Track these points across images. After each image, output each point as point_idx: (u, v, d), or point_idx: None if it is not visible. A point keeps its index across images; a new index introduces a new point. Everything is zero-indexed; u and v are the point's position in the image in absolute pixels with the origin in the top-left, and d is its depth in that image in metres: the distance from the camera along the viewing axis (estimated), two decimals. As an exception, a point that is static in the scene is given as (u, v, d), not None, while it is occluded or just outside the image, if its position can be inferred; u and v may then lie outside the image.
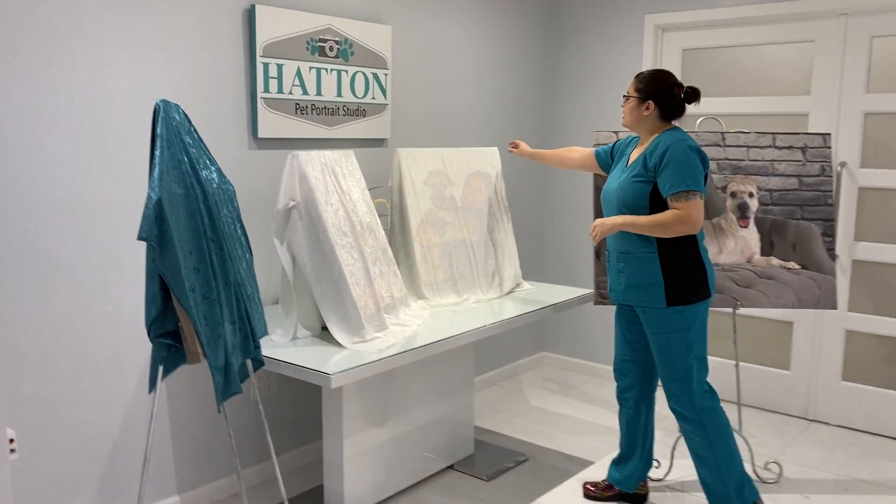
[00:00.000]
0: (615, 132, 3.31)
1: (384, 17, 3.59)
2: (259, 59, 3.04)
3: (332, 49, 3.31)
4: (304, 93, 3.22)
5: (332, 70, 3.32)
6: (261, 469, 3.26)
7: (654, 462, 3.24)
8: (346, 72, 3.38)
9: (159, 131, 2.12)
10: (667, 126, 2.77)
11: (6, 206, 2.42)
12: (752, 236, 3.26)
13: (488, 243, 3.47)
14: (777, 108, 4.00)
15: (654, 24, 4.24)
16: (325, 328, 2.85)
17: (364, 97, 3.48)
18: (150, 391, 2.24)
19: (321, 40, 3.26)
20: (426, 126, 3.92)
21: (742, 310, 3.36)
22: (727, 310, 3.59)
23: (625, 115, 2.82)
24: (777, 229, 3.25)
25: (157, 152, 2.10)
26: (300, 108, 3.22)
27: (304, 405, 3.42)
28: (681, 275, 2.70)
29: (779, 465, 3.35)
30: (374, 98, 3.52)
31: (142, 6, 2.69)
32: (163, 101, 2.17)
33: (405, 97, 3.76)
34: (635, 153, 2.81)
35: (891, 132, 3.71)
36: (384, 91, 3.57)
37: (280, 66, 3.11)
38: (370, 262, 2.87)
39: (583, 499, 3.14)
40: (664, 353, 2.77)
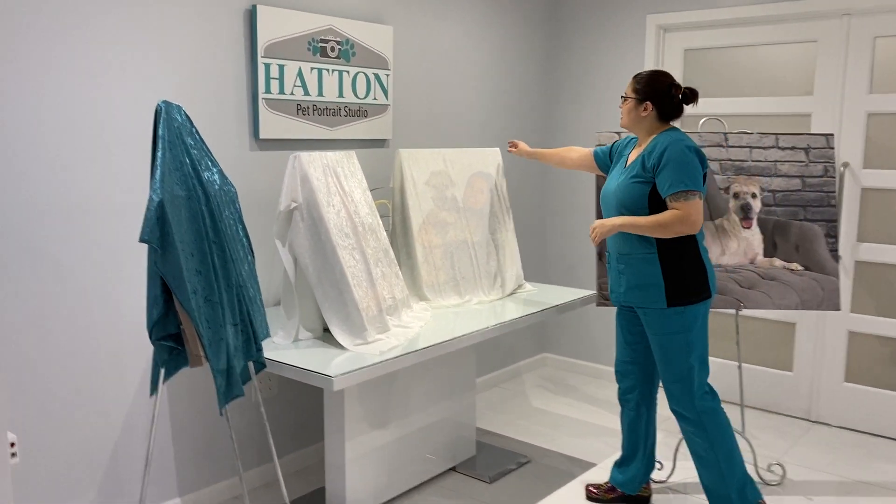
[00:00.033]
0: (617, 132, 3.29)
1: (385, 18, 3.58)
2: (260, 60, 3.03)
3: (333, 49, 3.30)
4: (306, 93, 3.21)
5: (333, 71, 3.31)
6: (262, 471, 3.25)
7: (657, 464, 3.23)
8: (348, 72, 3.37)
9: (161, 132, 2.11)
10: (665, 127, 2.76)
11: (7, 207, 2.40)
12: (754, 237, 3.25)
13: (490, 244, 3.46)
14: (779, 108, 3.99)
15: (656, 25, 4.23)
16: (326, 330, 2.84)
17: (365, 98, 3.47)
18: (151, 394, 2.23)
19: (322, 41, 3.25)
20: (427, 126, 3.90)
21: (745, 311, 3.35)
22: (730, 311, 3.58)
23: (623, 115, 2.81)
24: (780, 230, 3.24)
25: (159, 154, 2.09)
26: (301, 109, 3.21)
27: (305, 407, 3.41)
28: (681, 275, 2.69)
29: (782, 466, 3.34)
30: (375, 99, 3.51)
31: (142, 7, 2.68)
32: (164, 102, 2.15)
33: (406, 98, 3.75)
34: (634, 154, 2.80)
35: (894, 132, 3.70)
36: (385, 91, 3.56)
37: (281, 67, 3.10)
38: (372, 264, 2.85)
39: (585, 501, 3.12)
40: (665, 354, 2.76)
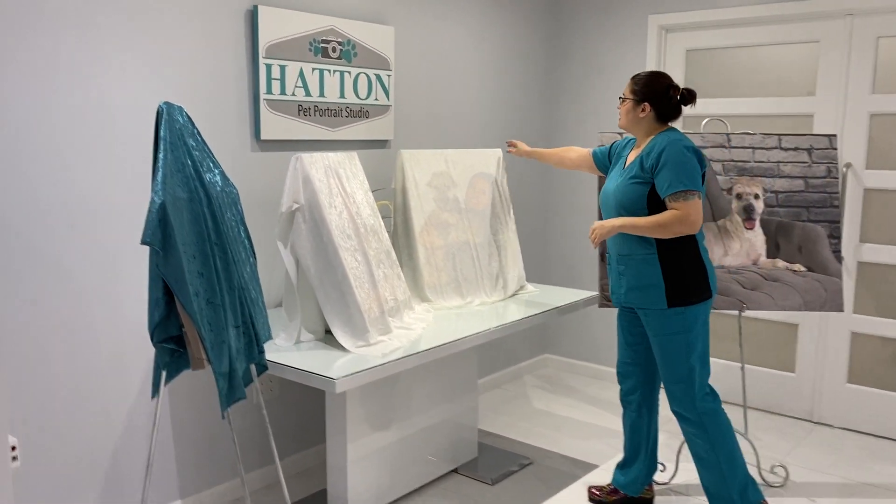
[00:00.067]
0: (620, 133, 3.28)
1: (387, 18, 3.57)
2: (262, 61, 3.02)
3: (334, 50, 3.29)
4: (307, 94, 3.20)
5: (334, 71, 3.30)
6: (263, 473, 3.24)
7: (660, 465, 3.22)
8: (349, 73, 3.36)
9: (162, 134, 2.10)
10: (663, 127, 2.75)
11: (8, 208, 2.39)
12: (757, 238, 3.24)
13: (492, 245, 3.45)
14: (782, 109, 3.97)
15: (658, 25, 4.22)
16: (328, 331, 2.83)
17: (367, 98, 3.46)
18: (152, 397, 2.22)
19: (324, 41, 3.24)
20: (429, 127, 3.89)
21: (747, 312, 3.34)
22: (732, 312, 3.57)
23: (621, 116, 2.81)
24: (783, 231, 3.23)
25: (161, 155, 2.07)
26: (303, 110, 3.20)
27: (306, 408, 3.40)
28: (681, 276, 2.69)
29: (785, 468, 3.33)
30: (377, 99, 3.50)
31: (143, 7, 2.67)
32: (166, 103, 2.14)
33: (408, 98, 3.74)
34: (632, 155, 2.80)
35: (897, 133, 3.70)
36: (387, 92, 3.55)
37: (283, 68, 3.09)
38: (374, 265, 2.84)
39: (588, 503, 3.12)
40: (666, 354, 2.76)
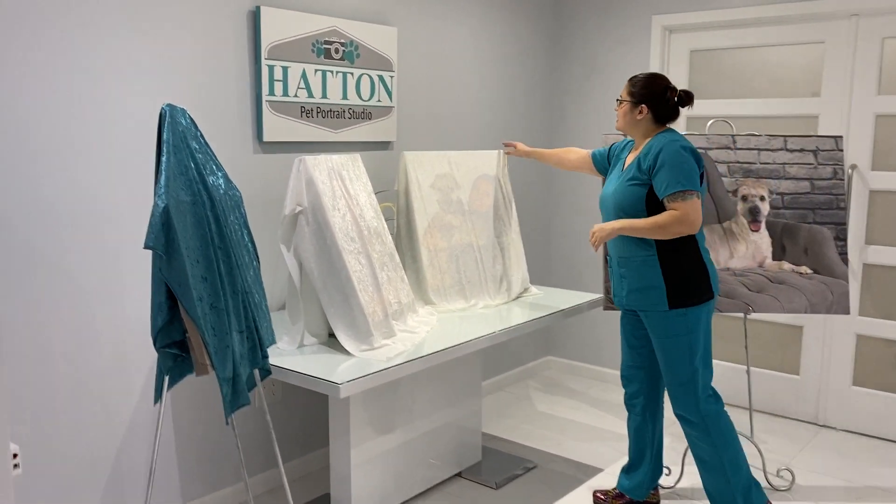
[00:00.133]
0: (624, 134, 3.25)
1: (390, 19, 3.55)
2: (264, 62, 2.99)
3: (337, 51, 3.26)
4: (310, 95, 3.18)
5: (337, 72, 3.27)
6: (266, 477, 3.21)
7: (665, 469, 3.20)
8: (352, 74, 3.34)
9: (165, 136, 2.08)
10: (661, 129, 2.74)
11: (9, 210, 2.37)
12: (763, 240, 3.22)
13: (496, 247, 3.43)
14: (786, 110, 3.95)
15: (662, 26, 4.20)
16: (332, 335, 2.81)
17: (370, 100, 3.43)
18: (155, 402, 2.20)
19: (326, 42, 3.22)
20: (432, 129, 3.87)
21: (752, 315, 3.32)
22: (738, 314, 3.54)
23: (618, 118, 2.81)
24: (789, 233, 3.21)
25: (164, 158, 2.05)
26: (305, 111, 3.17)
27: (309, 412, 3.38)
28: (682, 277, 2.67)
29: (791, 472, 3.31)
30: (379, 101, 3.48)
31: (145, 9, 2.65)
32: (169, 105, 2.12)
33: (411, 99, 3.72)
34: (630, 157, 2.79)
35: (902, 134, 3.68)
36: (390, 93, 3.53)
37: (285, 69, 3.07)
38: (378, 268, 2.82)
39: (593, 507, 3.10)
40: (668, 357, 2.74)
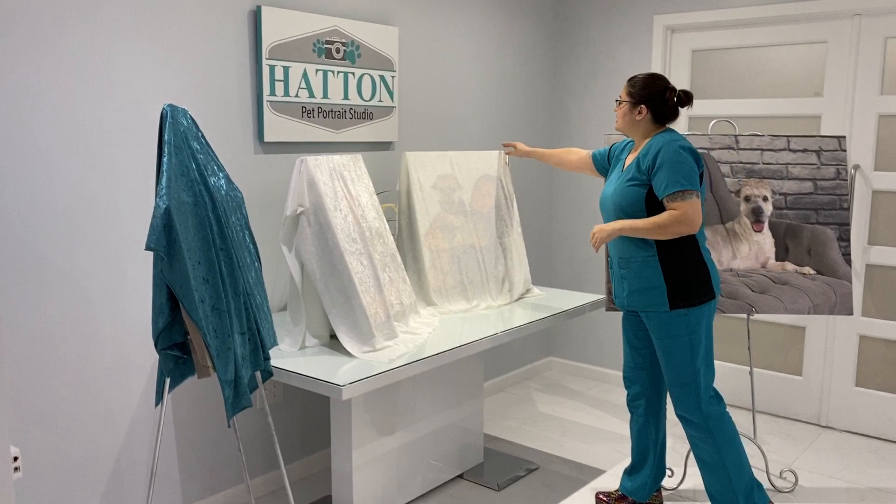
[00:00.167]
0: (625, 134, 3.25)
1: (391, 19, 3.53)
2: (265, 62, 2.98)
3: (338, 51, 3.25)
4: (311, 95, 3.16)
5: (338, 72, 3.26)
6: (267, 479, 3.20)
7: (668, 471, 3.19)
8: (353, 74, 3.32)
9: (167, 137, 2.06)
10: (660, 129, 2.73)
11: (8, 213, 2.36)
12: (766, 241, 3.20)
13: (498, 248, 3.41)
14: (789, 110, 3.94)
15: (664, 25, 4.18)
16: (333, 336, 2.80)
17: (371, 100, 3.42)
18: (156, 404, 2.18)
19: (328, 42, 3.20)
20: (433, 129, 3.86)
21: (755, 315, 3.31)
22: (740, 315, 3.53)
23: (618, 119, 2.80)
24: (792, 234, 3.20)
25: (165, 159, 2.04)
26: (306, 112, 3.16)
27: (310, 414, 3.37)
28: (683, 277, 2.66)
29: (794, 473, 3.30)
30: (381, 101, 3.47)
31: (145, 9, 2.63)
32: (170, 105, 2.11)
33: (412, 99, 3.71)
34: (630, 157, 2.78)
35: (905, 134, 3.66)
36: (391, 93, 3.51)
37: (286, 69, 3.05)
38: (380, 269, 2.81)
39: (595, 509, 3.09)
40: (669, 357, 2.73)
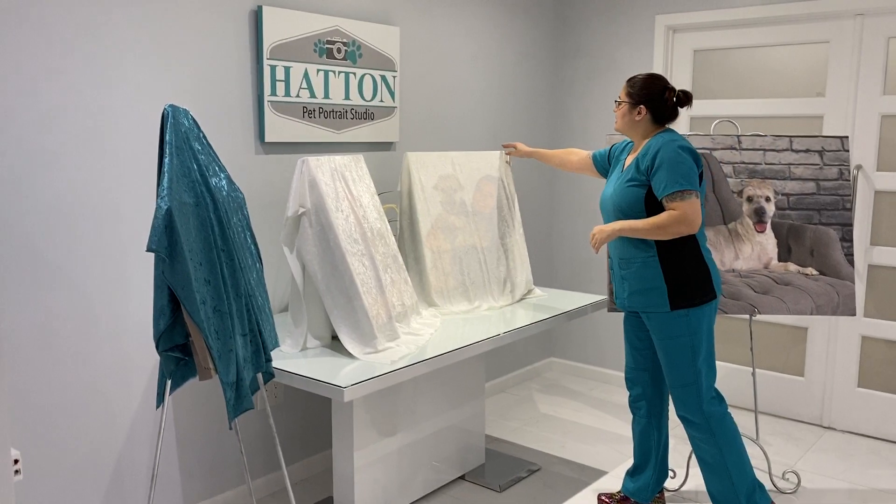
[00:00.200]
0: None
1: (392, 19, 3.52)
2: (266, 62, 2.97)
3: (339, 51, 3.24)
4: (312, 96, 3.15)
5: (339, 72, 3.25)
6: (268, 481, 3.19)
7: (670, 472, 3.18)
8: (354, 74, 3.31)
9: (168, 138, 2.05)
10: (660, 129, 2.73)
11: (9, 214, 2.34)
12: (769, 241, 3.19)
13: (499, 249, 3.40)
14: (791, 110, 3.93)
15: (665, 25, 4.17)
16: (335, 337, 2.79)
17: (372, 100, 3.41)
18: (157, 406, 2.17)
19: (329, 42, 3.19)
20: (435, 129, 3.85)
21: (758, 316, 3.30)
22: (743, 316, 3.52)
23: (617, 119, 2.80)
24: (794, 234, 3.19)
25: (166, 160, 2.03)
26: (307, 112, 3.15)
27: (311, 415, 3.36)
28: (683, 277, 2.65)
29: (796, 474, 3.29)
30: (382, 101, 3.45)
31: (146, 8, 2.62)
32: (171, 106, 2.09)
33: (413, 100, 3.70)
34: (629, 158, 2.78)
35: (907, 135, 3.65)
36: (392, 93, 3.50)
37: (287, 69, 3.04)
38: (381, 270, 2.80)
39: (598, 510, 3.08)
40: (670, 358, 2.72)
